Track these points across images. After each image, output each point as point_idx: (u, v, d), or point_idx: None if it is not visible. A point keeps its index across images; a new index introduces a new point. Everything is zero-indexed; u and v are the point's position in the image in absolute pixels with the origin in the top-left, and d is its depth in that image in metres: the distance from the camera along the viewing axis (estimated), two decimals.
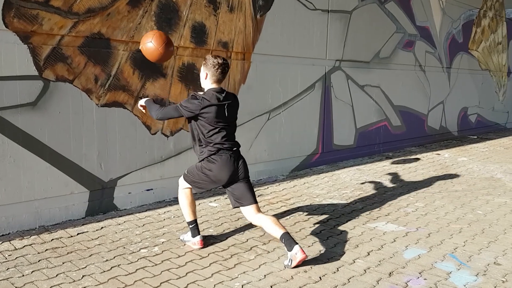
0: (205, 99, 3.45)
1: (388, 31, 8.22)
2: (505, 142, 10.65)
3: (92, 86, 4.37)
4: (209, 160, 3.55)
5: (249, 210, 3.59)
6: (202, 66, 3.57)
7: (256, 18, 5.83)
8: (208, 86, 3.56)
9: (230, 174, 3.54)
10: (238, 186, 3.60)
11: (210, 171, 3.55)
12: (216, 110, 3.45)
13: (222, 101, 3.48)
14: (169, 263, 3.50)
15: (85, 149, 4.36)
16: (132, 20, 4.59)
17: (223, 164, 3.52)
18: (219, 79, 3.54)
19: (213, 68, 3.50)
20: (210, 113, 3.44)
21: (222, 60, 3.52)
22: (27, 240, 3.85)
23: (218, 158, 3.52)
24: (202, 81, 3.59)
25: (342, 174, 6.63)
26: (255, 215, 3.57)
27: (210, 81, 3.54)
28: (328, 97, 7.06)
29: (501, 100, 12.93)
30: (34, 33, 3.94)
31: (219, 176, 3.55)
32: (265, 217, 3.55)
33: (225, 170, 3.53)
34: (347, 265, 3.45)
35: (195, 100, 3.46)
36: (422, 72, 9.34)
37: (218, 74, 3.51)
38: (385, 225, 4.42)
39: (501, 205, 5.11)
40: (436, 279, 3.22)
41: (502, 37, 12.50)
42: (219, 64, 3.50)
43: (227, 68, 3.55)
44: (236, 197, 3.62)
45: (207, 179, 3.60)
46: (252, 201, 3.60)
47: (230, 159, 3.54)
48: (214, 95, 3.48)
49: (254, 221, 3.59)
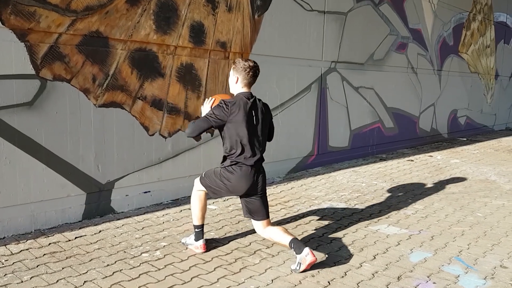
0: (234, 103, 3.38)
1: (382, 33, 8.24)
2: (494, 144, 10.76)
3: (90, 85, 4.25)
4: (228, 169, 3.47)
5: (260, 224, 3.60)
6: (232, 70, 3.50)
7: (254, 18, 5.77)
8: (238, 90, 3.49)
9: (248, 187, 3.48)
10: (254, 200, 3.56)
11: (228, 181, 3.48)
12: (244, 115, 3.37)
13: (251, 106, 3.41)
14: (172, 267, 3.42)
15: (82, 151, 4.25)
16: (131, 18, 4.49)
17: (242, 176, 3.44)
18: (250, 82, 3.48)
19: (244, 72, 3.42)
20: (238, 117, 3.36)
21: (253, 63, 3.46)
22: (23, 244, 3.72)
23: (237, 169, 3.45)
24: (232, 85, 3.52)
25: (339, 176, 6.60)
26: (264, 229, 3.58)
27: (241, 85, 3.46)
28: (324, 99, 7.03)
29: (489, 102, 13.08)
30: (31, 30, 3.81)
31: (236, 187, 3.49)
32: (273, 229, 3.54)
33: (243, 182, 3.46)
34: (355, 269, 3.41)
35: (222, 106, 3.38)
36: (414, 74, 9.39)
37: (250, 77, 3.44)
38: (387, 227, 4.39)
39: (499, 208, 5.13)
40: (445, 283, 3.20)
41: (490, 40, 12.65)
42: (251, 67, 3.43)
43: (258, 71, 3.49)
44: (249, 210, 3.59)
45: (224, 187, 3.53)
46: (265, 217, 3.58)
47: (250, 172, 3.46)
48: (242, 99, 3.41)
49: (263, 235, 3.61)
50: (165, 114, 4.90)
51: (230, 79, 3.53)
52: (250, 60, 3.49)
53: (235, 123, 3.37)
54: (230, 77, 3.54)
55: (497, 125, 13.81)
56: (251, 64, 3.43)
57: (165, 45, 4.80)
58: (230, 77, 3.54)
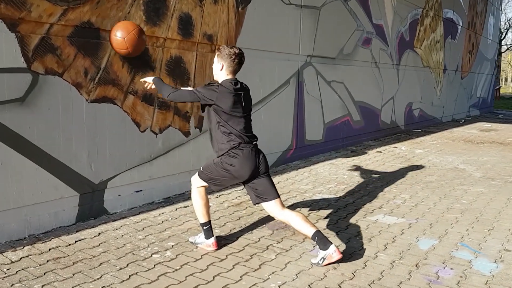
0: (222, 86, 3.30)
1: (350, 28, 8.40)
2: (447, 134, 11.33)
3: (82, 80, 4.00)
4: (230, 154, 3.37)
5: (273, 205, 3.46)
6: (216, 57, 3.38)
7: (238, 10, 5.68)
8: (223, 77, 3.38)
9: (253, 169, 3.40)
10: (260, 181, 3.47)
11: (232, 166, 3.38)
12: (233, 99, 3.30)
13: (238, 91, 3.34)
14: (189, 267, 3.30)
15: (75, 149, 3.99)
16: (122, 9, 4.27)
17: (245, 158, 3.36)
18: (235, 70, 3.38)
19: (229, 59, 3.32)
20: (227, 102, 3.28)
21: (239, 49, 3.36)
22: (21, 251, 3.45)
23: (239, 152, 3.36)
24: (217, 73, 3.40)
25: (319, 169, 6.67)
26: (280, 211, 3.45)
27: (226, 72, 3.36)
28: (301, 93, 7.07)
29: (438, 95, 13.74)
30: (22, 20, 3.52)
31: (241, 171, 3.39)
32: (292, 213, 3.44)
33: (247, 165, 3.37)
34: (372, 260, 3.46)
35: (212, 87, 3.30)
36: (377, 68, 9.67)
37: (235, 64, 3.35)
38: (384, 217, 4.49)
39: (479, 194, 5.40)
40: (461, 268, 3.32)
41: (440, 36, 13.28)
42: (236, 54, 3.33)
43: (243, 58, 3.39)
44: (258, 193, 3.48)
45: (228, 175, 3.42)
46: (276, 195, 3.48)
47: (251, 153, 3.39)
48: (231, 84, 3.33)
49: (280, 217, 3.47)
50: (156, 110, 4.72)
51: (215, 66, 3.41)
52: (235, 46, 3.38)
53: (224, 108, 3.28)
54: (214, 64, 3.41)
55: (445, 117, 14.55)
56: (236, 51, 3.34)
57: (154, 37, 4.61)
58: (214, 64, 3.41)
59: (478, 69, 17.88)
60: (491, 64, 20.38)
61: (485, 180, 6.15)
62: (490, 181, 6.13)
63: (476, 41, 17.17)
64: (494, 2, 19.37)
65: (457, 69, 15.24)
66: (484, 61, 18.71)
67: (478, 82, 18.16)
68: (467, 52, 16.21)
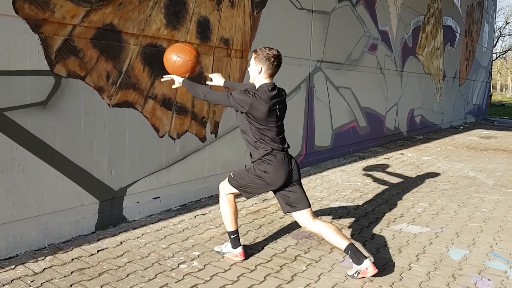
0: (257, 95, 3.16)
1: (358, 34, 8.37)
2: (450, 141, 11.35)
3: (104, 83, 3.88)
4: (264, 160, 3.26)
5: (305, 215, 3.35)
6: (253, 60, 3.25)
7: (254, 15, 5.59)
8: (261, 81, 3.26)
9: (286, 176, 3.29)
10: (293, 189, 3.35)
11: (266, 172, 3.26)
12: (268, 108, 3.18)
13: (274, 99, 3.23)
14: (219, 278, 3.19)
15: (96, 155, 3.86)
16: (143, 11, 4.16)
17: (279, 164, 3.25)
18: (274, 72, 3.27)
19: (268, 61, 3.20)
20: (260, 111, 3.16)
21: (277, 51, 3.25)
22: (43, 262, 3.30)
23: (273, 158, 3.25)
24: (255, 76, 3.27)
25: (330, 176, 6.60)
26: (312, 221, 3.33)
27: (264, 75, 3.24)
28: (311, 98, 7.00)
29: (438, 102, 13.79)
30: (45, 21, 3.40)
31: (275, 178, 3.28)
32: (324, 224, 3.33)
33: (281, 171, 3.26)
34: (407, 271, 3.37)
35: (247, 95, 3.15)
36: (382, 74, 9.65)
37: (274, 67, 3.24)
38: (408, 226, 4.42)
39: (497, 202, 5.36)
40: (499, 279, 3.25)
41: (440, 43, 13.33)
42: (275, 56, 3.21)
43: (281, 60, 3.29)
44: (290, 201, 3.36)
45: (261, 182, 3.31)
46: (307, 205, 3.37)
47: (284, 160, 3.28)
48: (267, 92, 3.20)
49: (312, 228, 3.36)
50: (174, 114, 4.60)
51: (252, 69, 3.27)
52: (273, 48, 3.26)
53: (256, 117, 3.17)
54: (251, 68, 3.28)
55: (444, 124, 14.60)
56: (275, 53, 3.22)
57: (174, 41, 4.50)
58: (251, 68, 3.28)
59: (474, 76, 18.01)
60: (486, 71, 20.56)
61: (499, 188, 6.12)
62: (504, 189, 6.10)
63: (473, 48, 17.30)
64: (489, 10, 19.57)
65: (455, 76, 15.33)
66: (479, 68, 18.86)
67: (474, 89, 18.29)
68: (464, 59, 16.31)
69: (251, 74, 3.31)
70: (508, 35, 43.84)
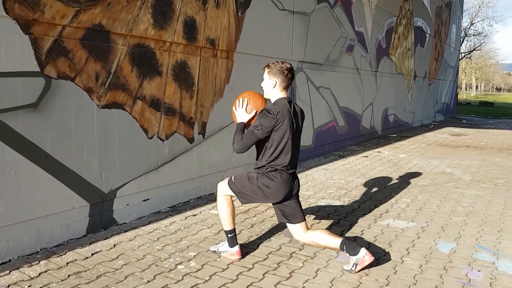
0: (278, 111, 3.18)
1: (336, 35, 8.50)
2: (422, 139, 11.65)
3: (93, 84, 3.83)
4: (269, 176, 3.30)
5: (298, 228, 3.45)
6: (267, 74, 3.29)
7: (238, 15, 5.62)
8: (277, 95, 3.30)
9: (286, 193, 3.36)
10: (290, 204, 3.43)
11: (268, 188, 3.31)
12: (288, 122, 3.21)
13: (292, 113, 3.28)
14: (219, 278, 3.20)
15: (86, 157, 3.81)
16: (131, 11, 4.13)
17: (282, 183, 3.31)
18: (288, 85, 3.33)
19: (282, 75, 3.25)
20: (283, 126, 3.20)
21: (290, 64, 3.32)
22: (38, 266, 3.24)
23: (278, 176, 3.29)
24: (269, 90, 3.31)
25: (314, 174, 6.68)
26: (304, 234, 3.44)
27: (279, 88, 3.28)
28: (294, 98, 7.07)
29: (409, 101, 14.13)
30: (35, 21, 3.33)
31: (275, 194, 3.33)
32: (316, 232, 3.44)
33: (282, 190, 3.32)
34: (400, 265, 3.47)
35: (268, 116, 3.16)
36: (358, 75, 9.83)
37: (288, 80, 3.29)
38: (394, 222, 4.54)
39: (476, 197, 5.55)
40: (488, 270, 3.38)
41: (411, 44, 13.67)
42: (288, 69, 3.28)
43: (294, 73, 3.36)
44: (286, 214, 3.45)
45: (261, 194, 3.35)
46: (302, 219, 3.47)
47: (288, 179, 3.34)
48: (286, 105, 3.24)
49: (305, 240, 3.46)
50: (163, 115, 4.58)
51: (266, 83, 3.31)
52: (286, 62, 3.34)
53: (280, 131, 3.21)
54: (265, 82, 3.32)
55: (415, 122, 14.97)
56: (289, 66, 3.29)
57: (161, 41, 4.49)
58: (265, 82, 3.32)
59: (443, 76, 18.54)
60: (454, 71, 21.20)
61: (476, 183, 6.34)
62: (481, 184, 6.32)
63: (441, 49, 17.82)
64: (456, 11, 20.18)
65: (425, 76, 15.74)
66: (448, 68, 19.43)
67: (442, 88, 18.83)
68: (434, 59, 16.78)
69: (266, 88, 3.34)
70: (472, 36, 45.24)
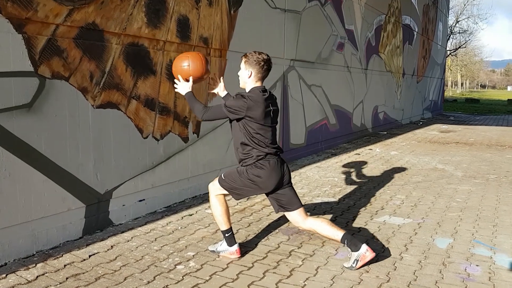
0: (252, 97, 3.20)
1: (327, 33, 8.52)
2: (412, 136, 11.74)
3: (88, 84, 3.78)
4: (257, 165, 3.28)
5: (297, 215, 3.42)
6: (243, 64, 3.28)
7: (231, 13, 5.60)
8: (251, 85, 3.29)
9: (278, 180, 3.34)
10: (285, 192, 3.41)
11: (259, 177, 3.29)
12: (263, 110, 3.22)
13: (268, 100, 3.27)
14: (219, 277, 3.18)
15: (81, 157, 3.76)
16: (124, 10, 4.08)
17: (272, 169, 3.29)
18: (264, 76, 3.31)
19: (258, 65, 3.24)
20: (257, 113, 3.20)
21: (267, 55, 3.29)
22: (35, 269, 3.19)
23: (266, 163, 3.28)
24: (245, 80, 3.30)
25: (308, 172, 6.69)
26: (304, 220, 3.41)
27: (254, 79, 3.28)
28: (286, 97, 7.08)
29: (398, 99, 14.23)
30: (29, 20, 3.28)
31: (267, 182, 3.31)
32: (317, 220, 3.41)
33: (274, 176, 3.30)
34: (399, 261, 3.48)
35: (242, 99, 3.19)
36: (349, 73, 9.86)
37: (264, 71, 3.28)
38: (390, 218, 4.55)
39: (469, 193, 5.60)
40: (486, 265, 3.40)
41: (399, 41, 13.76)
42: (265, 60, 3.26)
43: (271, 64, 3.33)
44: (282, 203, 3.42)
45: (253, 186, 3.33)
46: (299, 205, 3.43)
47: (277, 164, 3.32)
48: (260, 94, 3.24)
49: (305, 226, 3.42)
50: (157, 115, 4.54)
51: (242, 73, 3.30)
52: (263, 52, 3.30)
53: (255, 118, 3.20)
54: (241, 71, 3.31)
55: (404, 119, 15.07)
56: (265, 57, 3.26)
57: (155, 40, 4.45)
58: (241, 71, 3.31)
59: (430, 73, 18.70)
60: (441, 68, 21.40)
61: (469, 179, 6.40)
62: (473, 179, 6.38)
63: (429, 46, 17.97)
64: (443, 9, 20.37)
65: (414, 73, 15.86)
66: (435, 65, 19.60)
67: (430, 86, 18.99)
68: (422, 57, 16.91)
69: (242, 78, 3.33)
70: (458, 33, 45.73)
